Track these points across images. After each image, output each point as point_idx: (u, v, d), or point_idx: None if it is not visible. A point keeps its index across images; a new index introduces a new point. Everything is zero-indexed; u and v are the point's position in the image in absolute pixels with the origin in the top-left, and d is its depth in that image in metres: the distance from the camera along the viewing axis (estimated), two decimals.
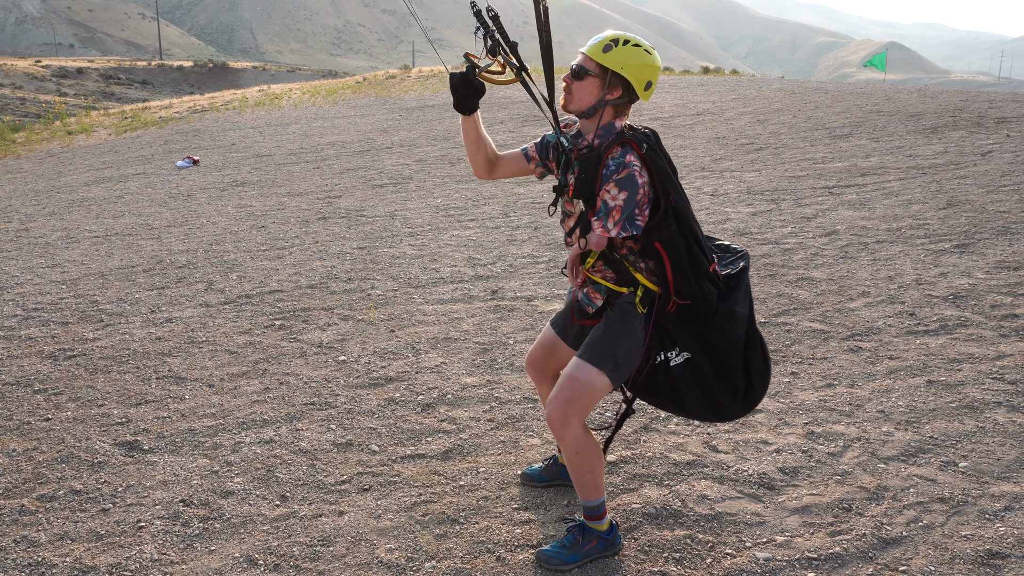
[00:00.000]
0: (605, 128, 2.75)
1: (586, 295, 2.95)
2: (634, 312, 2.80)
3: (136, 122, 20.18)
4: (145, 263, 7.25)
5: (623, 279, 2.81)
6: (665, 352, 2.83)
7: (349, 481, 3.55)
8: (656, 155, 2.71)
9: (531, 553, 3.02)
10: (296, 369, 4.76)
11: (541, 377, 3.28)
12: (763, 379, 2.95)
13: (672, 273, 2.71)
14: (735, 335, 2.82)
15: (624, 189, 2.62)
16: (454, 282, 6.26)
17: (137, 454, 3.84)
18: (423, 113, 17.38)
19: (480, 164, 2.97)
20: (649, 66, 2.70)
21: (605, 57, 2.67)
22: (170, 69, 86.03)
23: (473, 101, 2.77)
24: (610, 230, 2.66)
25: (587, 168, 2.70)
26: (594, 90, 2.71)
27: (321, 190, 10.34)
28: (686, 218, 2.73)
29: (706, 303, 2.75)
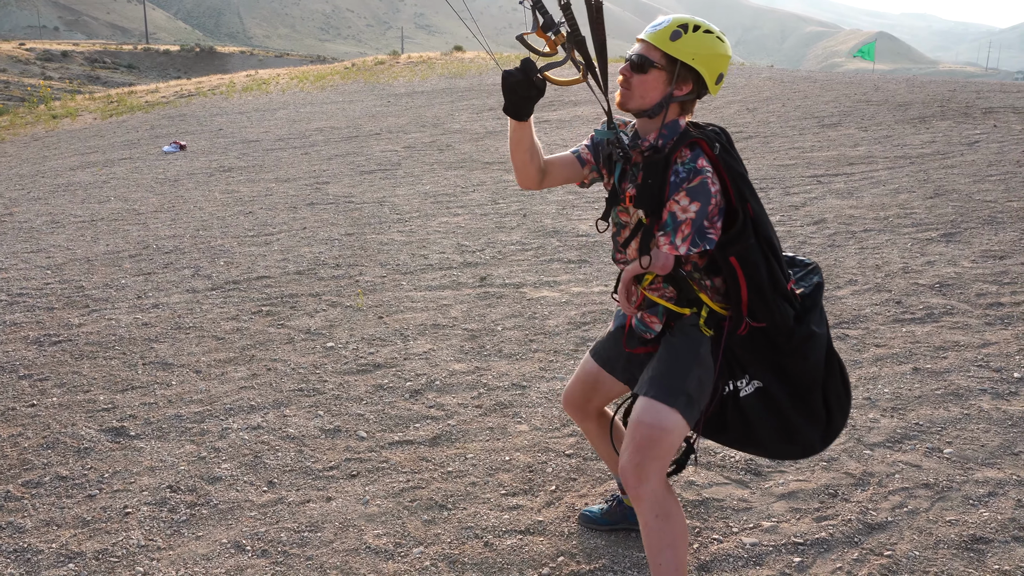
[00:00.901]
0: (669, 127, 2.38)
1: (641, 320, 2.57)
2: (699, 336, 2.44)
3: (122, 106, 20.00)
4: (131, 248, 7.20)
5: (685, 298, 2.44)
6: (734, 381, 2.49)
7: (337, 467, 3.55)
8: (730, 157, 2.36)
9: (519, 538, 3.03)
10: (284, 355, 4.74)
11: (583, 415, 2.89)
12: (843, 408, 2.58)
13: (748, 292, 2.34)
14: (815, 360, 2.45)
15: (696, 199, 2.25)
16: (442, 269, 6.25)
17: (123, 440, 3.83)
18: (412, 99, 17.30)
19: (532, 175, 2.53)
20: (722, 56, 2.33)
21: (674, 46, 2.28)
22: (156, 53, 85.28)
23: (529, 105, 2.32)
24: (678, 247, 2.29)
25: (653, 173, 2.32)
26: (659, 85, 2.32)
27: (309, 176, 10.29)
28: (765, 229, 2.37)
29: (784, 326, 2.38)
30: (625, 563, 2.88)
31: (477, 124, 13.63)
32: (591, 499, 3.25)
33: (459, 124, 13.74)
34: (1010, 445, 3.52)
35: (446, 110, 15.41)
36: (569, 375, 4.36)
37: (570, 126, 12.96)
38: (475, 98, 16.70)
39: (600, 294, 5.56)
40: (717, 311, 2.43)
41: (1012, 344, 4.48)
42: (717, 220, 2.30)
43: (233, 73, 30.66)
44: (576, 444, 3.67)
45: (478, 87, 18.38)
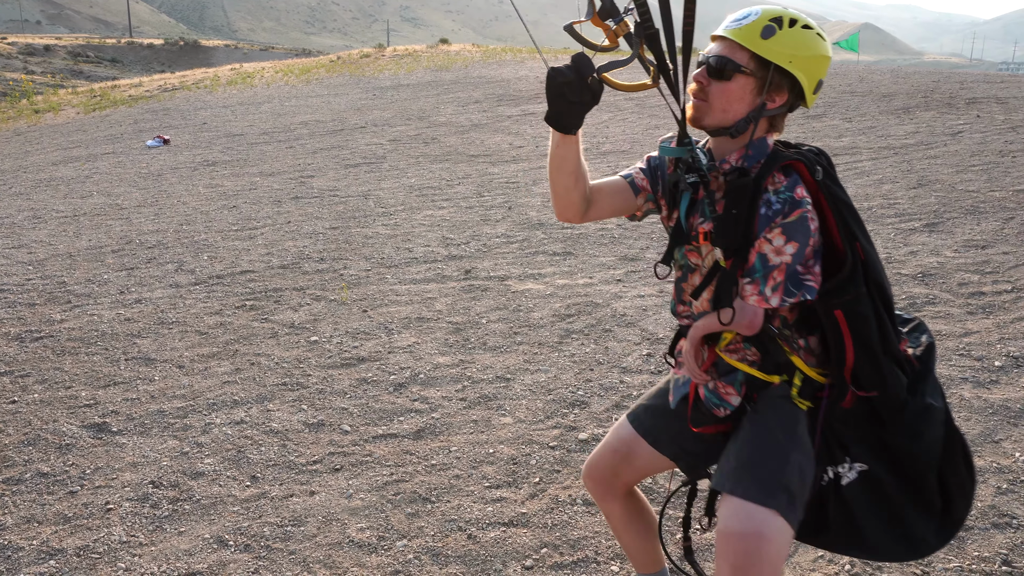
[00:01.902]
0: (755, 146, 1.90)
1: (713, 391, 2.05)
2: (794, 411, 1.95)
3: (105, 101, 19.84)
4: (114, 243, 7.15)
5: (773, 363, 1.96)
6: (834, 467, 1.99)
7: (320, 461, 3.54)
8: (834, 185, 1.89)
9: (502, 531, 3.03)
10: (267, 350, 4.72)
11: (606, 492, 2.30)
12: (965, 493, 2.06)
13: (855, 353, 1.89)
14: (931, 438, 1.97)
15: (793, 239, 1.80)
16: (427, 262, 6.24)
17: (105, 436, 3.80)
18: (397, 92, 17.24)
19: (575, 204, 1.99)
20: (823, 58, 1.87)
21: (766, 45, 1.81)
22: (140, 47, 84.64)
23: (579, 114, 1.78)
24: (769, 298, 1.84)
25: (740, 200, 1.83)
26: (746, 95, 1.85)
27: (294, 170, 10.24)
28: (877, 274, 1.91)
29: (896, 396, 1.93)
30: (608, 554, 2.88)
31: (463, 117, 13.59)
32: (575, 491, 3.26)
33: (444, 117, 13.71)
34: (991, 433, 3.55)
35: (432, 103, 15.36)
36: (554, 367, 4.36)
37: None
38: (460, 91, 16.65)
39: (585, 286, 5.56)
40: (813, 378, 1.97)
41: (993, 333, 4.51)
42: (814, 264, 1.86)
43: (217, 67, 30.46)
44: (560, 436, 3.67)
45: (464, 80, 18.33)
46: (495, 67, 20.41)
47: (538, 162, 9.89)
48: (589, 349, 4.58)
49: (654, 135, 11.13)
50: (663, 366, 4.30)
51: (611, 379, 4.20)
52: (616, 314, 5.04)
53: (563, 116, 1.79)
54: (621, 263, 6.01)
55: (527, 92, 15.83)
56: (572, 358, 4.48)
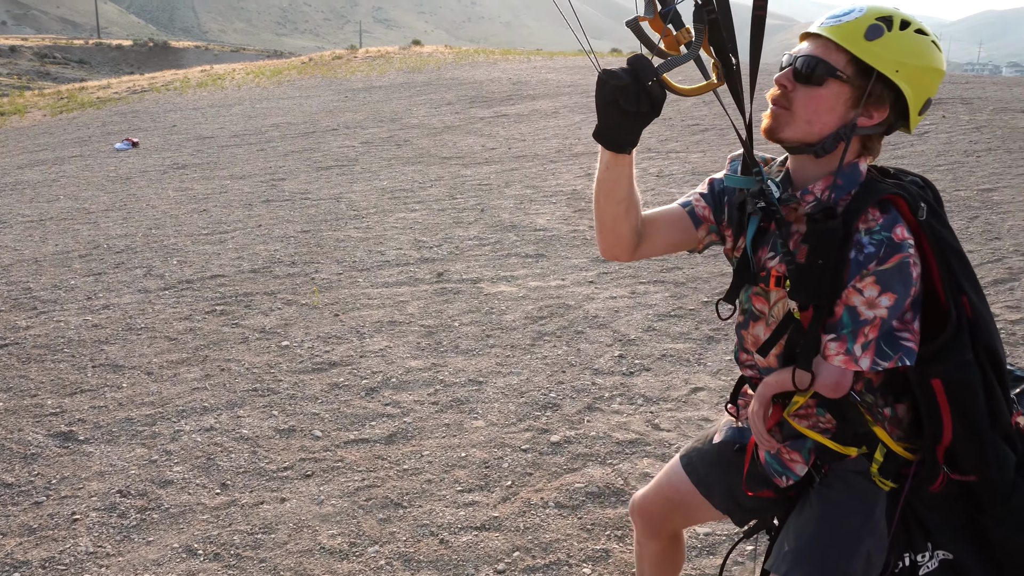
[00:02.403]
0: (846, 174, 1.59)
1: (776, 456, 1.78)
2: (872, 491, 1.67)
3: (73, 103, 19.57)
4: (81, 248, 7.05)
5: (851, 432, 1.66)
6: (912, 554, 1.70)
7: (291, 467, 3.52)
8: (941, 225, 1.58)
9: (474, 535, 3.03)
10: (238, 355, 4.68)
11: (654, 533, 2.12)
12: None
13: (953, 431, 1.57)
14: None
15: (890, 289, 1.50)
16: (399, 265, 6.22)
17: (72, 445, 3.75)
18: (370, 94, 17.17)
19: (625, 237, 1.70)
20: (936, 71, 1.57)
21: (870, 48, 1.51)
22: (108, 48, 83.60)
23: (636, 128, 1.50)
24: (858, 359, 1.53)
25: (827, 249, 1.52)
26: (838, 106, 1.55)
27: (265, 173, 10.16)
28: (988, 335, 1.58)
29: (1002, 479, 1.59)
30: (579, 556, 2.89)
31: (435, 119, 13.56)
32: (547, 493, 3.26)
33: (417, 119, 13.67)
34: None
35: (404, 105, 15.31)
36: (526, 369, 4.37)
37: (528, 120, 12.97)
38: (433, 93, 16.62)
39: (557, 288, 5.57)
40: (899, 454, 1.67)
41: None
42: (913, 320, 1.55)
43: (187, 68, 30.16)
44: (532, 439, 3.68)
45: (436, 82, 18.29)
46: (468, 69, 20.39)
47: (510, 164, 9.90)
48: (561, 351, 4.59)
49: None
50: (636, 368, 4.32)
51: (583, 381, 4.21)
52: (588, 316, 5.06)
53: (616, 130, 1.50)
54: (593, 265, 6.03)
55: (500, 94, 15.83)
56: (544, 360, 4.48)
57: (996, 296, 5.03)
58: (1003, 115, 11.28)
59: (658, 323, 4.89)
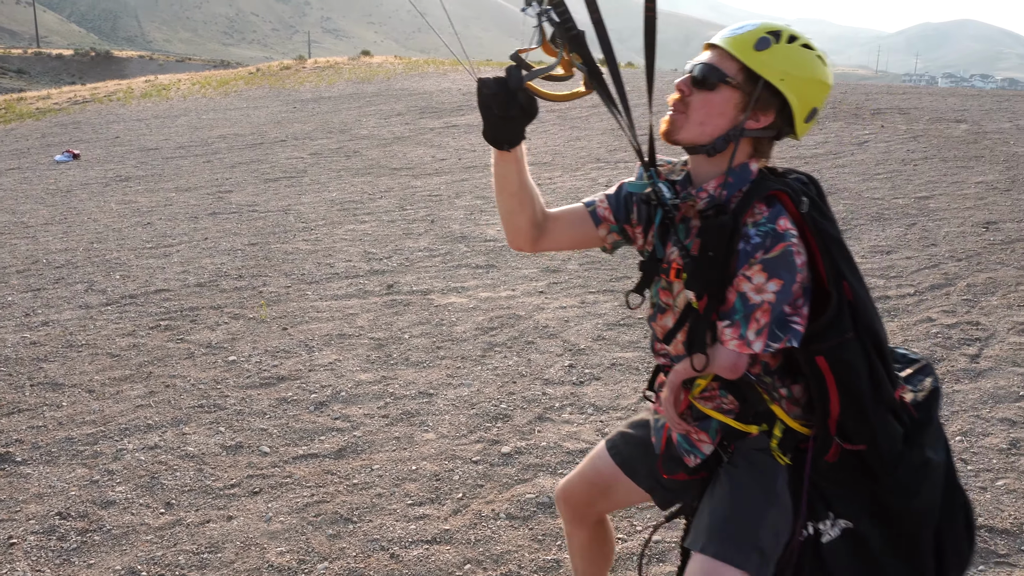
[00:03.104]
0: (736, 173, 1.73)
1: (686, 438, 1.91)
2: (772, 465, 1.81)
3: (10, 114, 19.05)
4: (19, 263, 6.86)
5: (751, 412, 1.80)
6: (815, 523, 1.82)
7: (238, 484, 3.46)
8: (822, 217, 1.73)
9: (425, 548, 3.01)
10: (183, 371, 4.59)
11: (579, 519, 2.21)
12: (961, 557, 1.89)
13: (841, 404, 1.72)
14: (928, 498, 1.81)
15: (776, 276, 1.63)
16: (349, 277, 6.17)
17: (9, 466, 3.64)
18: (319, 105, 17.03)
19: (522, 229, 1.86)
20: (820, 83, 1.72)
21: (758, 58, 1.67)
22: (48, 58, 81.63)
23: (516, 128, 1.66)
24: (751, 342, 1.67)
25: (716, 241, 1.66)
26: (728, 109, 1.69)
27: (211, 185, 10.01)
28: (868, 318, 1.73)
29: (889, 449, 1.75)
30: (531, 567, 2.89)
31: (384, 130, 13.52)
32: (498, 505, 3.26)
33: (367, 130, 13.60)
34: None
35: (353, 116, 15.23)
36: (477, 381, 4.36)
37: (478, 131, 12.99)
38: (383, 103, 16.56)
39: (508, 299, 5.58)
40: (796, 430, 1.80)
41: (898, 335, 4.70)
42: (803, 304, 1.69)
43: (131, 79, 29.60)
44: (483, 451, 3.67)
45: (386, 92, 18.23)
46: (417, 79, 20.37)
47: (460, 175, 9.90)
48: (512, 362, 4.59)
49: (575, 147, 11.27)
50: (586, 378, 4.34)
51: (534, 391, 4.22)
52: (539, 326, 5.08)
53: (495, 131, 1.67)
54: (543, 275, 6.06)
55: (450, 104, 15.84)
56: (495, 371, 4.49)
57: (933, 301, 5.18)
58: (938, 124, 11.64)
59: (608, 332, 4.93)
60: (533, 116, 1.64)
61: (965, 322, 4.84)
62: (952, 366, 4.31)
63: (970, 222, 6.83)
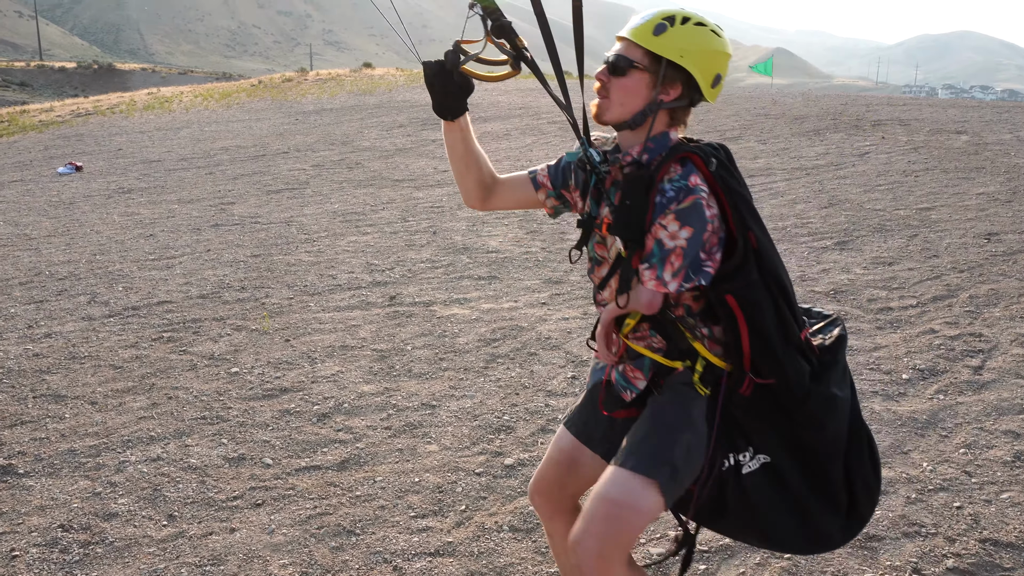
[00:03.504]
0: (656, 140, 2.01)
1: (622, 375, 2.16)
2: (693, 395, 2.03)
3: (13, 126, 19.12)
4: (22, 275, 6.87)
5: (676, 350, 2.04)
6: (735, 454, 2.05)
7: (241, 497, 3.45)
8: (730, 176, 1.98)
9: (428, 561, 3.00)
10: (186, 383, 4.59)
11: (554, 508, 2.32)
12: (870, 489, 2.14)
13: (750, 339, 1.95)
14: (834, 431, 2.04)
15: (687, 224, 1.87)
16: (351, 288, 6.18)
17: (11, 479, 3.63)
18: (321, 117, 17.09)
19: (470, 189, 2.16)
20: (718, 52, 1.97)
21: (657, 42, 1.92)
22: (51, 70, 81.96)
23: (455, 102, 2.00)
24: (667, 282, 1.90)
25: (634, 192, 1.93)
26: (642, 89, 1.96)
27: (214, 196, 10.03)
28: (772, 264, 1.98)
29: (796, 384, 1.98)
30: None
31: (387, 141, 13.55)
32: (501, 517, 3.25)
33: (368, 141, 13.64)
34: (900, 444, 3.68)
35: (355, 127, 15.28)
36: (480, 392, 4.36)
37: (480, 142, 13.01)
38: (385, 115, 16.61)
39: (510, 310, 5.59)
40: (716, 365, 2.03)
41: (901, 347, 4.70)
42: (716, 251, 1.93)
43: (134, 91, 29.72)
44: (486, 462, 3.67)
45: (388, 104, 18.29)
46: (419, 91, 20.42)
47: None
48: (515, 373, 4.59)
49: None
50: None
51: (536, 403, 4.22)
52: (541, 337, 5.08)
53: (441, 103, 2.01)
54: (546, 286, 6.06)
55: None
56: (498, 383, 4.48)
57: (935, 312, 5.18)
58: (939, 136, 11.66)
59: None
60: (469, 92, 2.00)
61: (968, 334, 4.84)
62: (955, 378, 4.31)
63: (972, 233, 6.84)
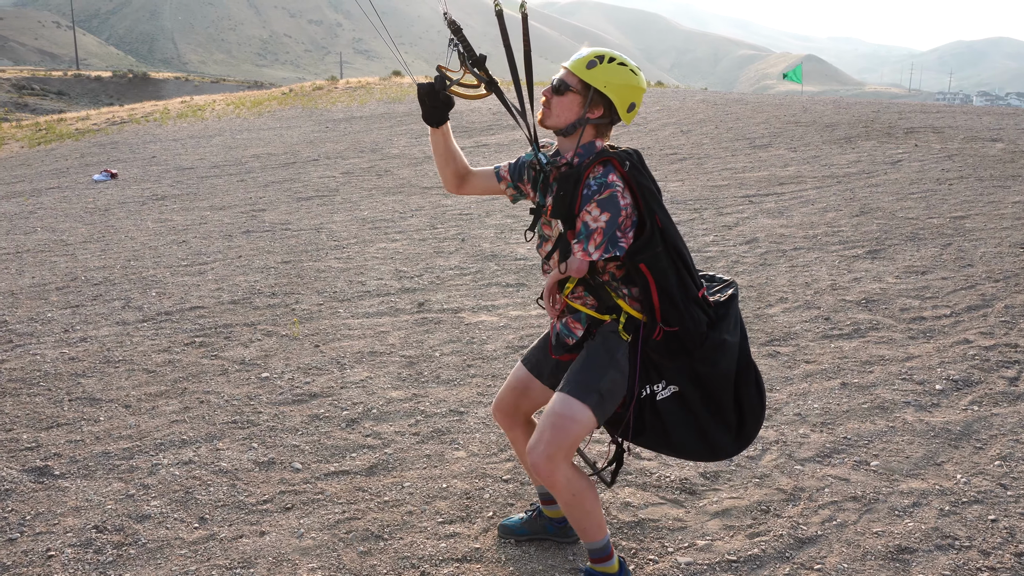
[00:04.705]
0: (585, 147, 2.63)
1: (565, 325, 2.77)
2: (618, 341, 2.64)
3: (51, 134, 19.50)
4: (58, 280, 7.00)
5: (605, 306, 2.66)
6: (651, 385, 2.67)
7: (271, 500, 3.49)
8: (639, 174, 2.57)
9: (456, 567, 3.01)
10: (217, 387, 4.65)
11: (512, 422, 3.00)
12: (756, 415, 2.75)
13: (658, 297, 2.55)
14: (726, 367, 2.65)
15: (606, 210, 2.48)
16: (380, 295, 6.22)
17: (47, 480, 3.70)
18: (350, 125, 17.24)
19: (448, 178, 2.86)
20: (633, 87, 2.60)
21: (588, 74, 2.56)
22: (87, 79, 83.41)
23: (440, 114, 2.68)
24: (591, 253, 2.52)
25: (566, 186, 2.55)
26: (575, 107, 2.60)
27: (245, 203, 10.15)
28: (673, 239, 2.58)
29: (695, 331, 2.58)
30: None
31: (416, 149, 13.63)
32: None
33: (398, 149, 13.73)
34: (933, 456, 3.63)
35: (385, 135, 15.38)
36: None
37: (508, 150, 13.04)
38: (414, 123, 16.71)
39: (538, 317, 5.59)
40: (635, 317, 2.65)
41: (934, 357, 4.63)
42: (629, 231, 2.55)
43: (167, 99, 30.17)
44: (513, 469, 3.67)
45: (416, 112, 18.39)
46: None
47: None
48: None
49: None
50: None
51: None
52: None
53: (430, 115, 2.68)
54: None
55: (480, 124, 15.95)
56: None
57: (970, 322, 5.10)
58: (974, 143, 11.50)
59: None
60: (451, 107, 2.69)
61: (1003, 344, 4.77)
62: (990, 389, 4.24)
63: (1007, 242, 6.73)
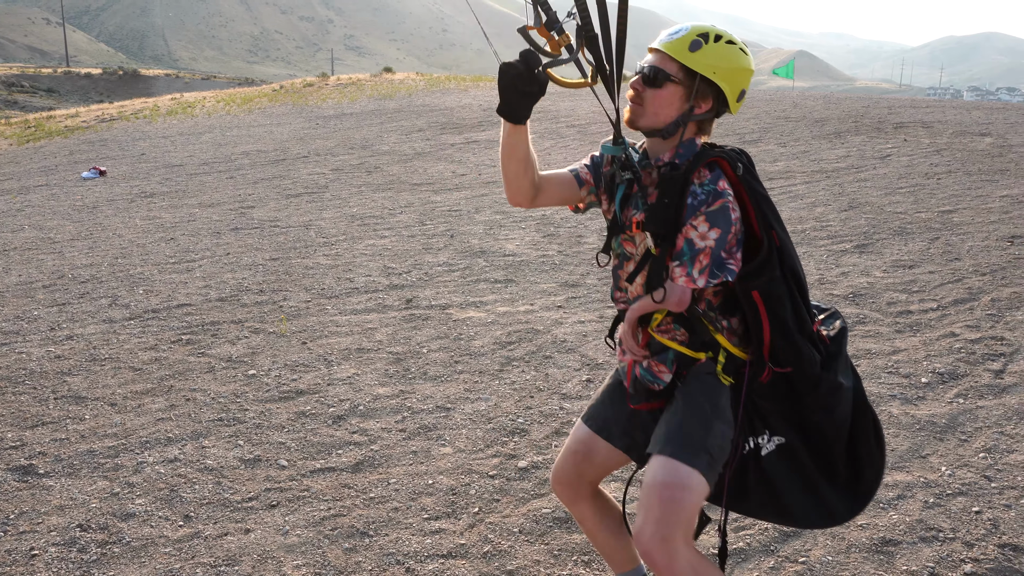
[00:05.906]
0: (685, 146, 2.14)
1: (647, 369, 2.25)
2: (717, 385, 2.16)
3: (40, 132, 19.40)
4: (45, 278, 6.96)
5: (699, 341, 2.17)
6: (755, 438, 2.21)
7: (256, 498, 3.48)
8: (753, 180, 2.11)
9: (441, 563, 3.01)
10: (203, 385, 4.63)
11: (575, 495, 2.46)
12: (875, 466, 2.28)
13: (771, 332, 2.09)
14: (841, 414, 2.19)
15: (716, 225, 2.02)
16: (368, 292, 6.20)
17: (32, 479, 3.68)
18: (341, 121, 17.20)
19: (524, 189, 2.20)
20: (745, 70, 2.11)
21: (692, 58, 2.04)
22: (77, 76, 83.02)
23: (529, 105, 2.01)
24: (696, 279, 2.04)
25: (671, 191, 2.05)
26: (675, 101, 2.08)
27: (234, 200, 10.12)
28: (791, 260, 2.12)
29: (810, 372, 2.13)
30: None
31: (406, 145, 13.61)
32: (514, 520, 3.25)
33: (388, 146, 13.71)
34: (918, 448, 3.65)
35: (375, 132, 15.35)
36: (494, 395, 4.36)
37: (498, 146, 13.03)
38: (404, 119, 16.68)
39: (526, 313, 5.59)
40: (736, 355, 2.17)
41: (920, 350, 4.65)
42: (736, 250, 2.07)
43: (157, 96, 30.04)
44: (499, 465, 3.67)
45: (407, 108, 18.37)
46: (439, 95, 20.51)
47: (480, 190, 9.94)
48: (530, 376, 4.59)
49: None
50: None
51: (551, 406, 4.22)
52: (556, 340, 5.07)
53: (513, 106, 2.00)
54: (562, 289, 6.06)
55: (470, 120, 15.93)
56: (512, 386, 4.48)
57: (956, 316, 5.12)
58: (962, 138, 11.54)
59: None
60: (544, 93, 1.98)
61: (989, 337, 4.78)
62: (976, 382, 4.26)
63: (994, 236, 6.76)
